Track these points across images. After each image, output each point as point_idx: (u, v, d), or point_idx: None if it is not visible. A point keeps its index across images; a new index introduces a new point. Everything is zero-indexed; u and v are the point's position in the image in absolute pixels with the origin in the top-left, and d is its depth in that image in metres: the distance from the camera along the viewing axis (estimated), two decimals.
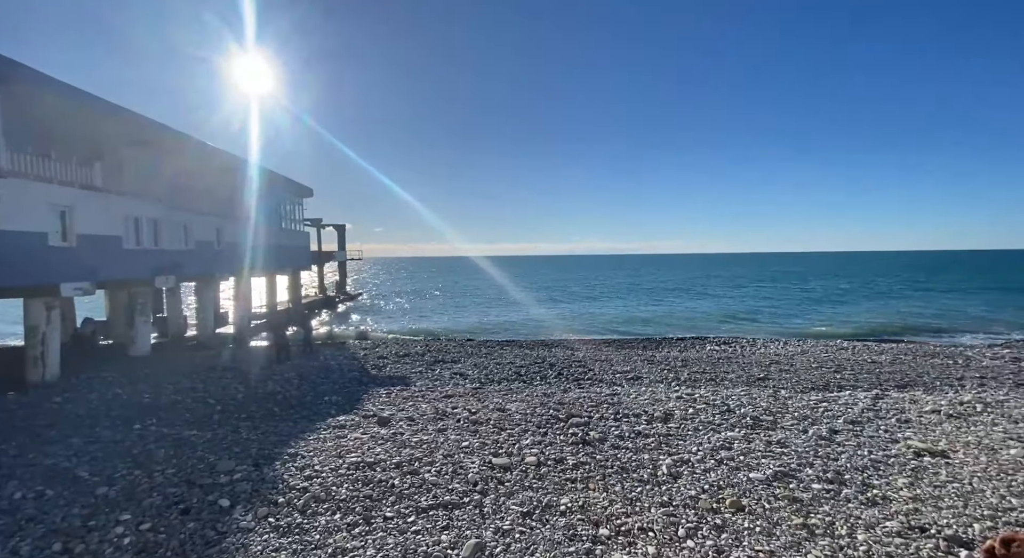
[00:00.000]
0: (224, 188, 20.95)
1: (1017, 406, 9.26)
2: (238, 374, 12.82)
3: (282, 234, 25.72)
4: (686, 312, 35.75)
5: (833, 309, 36.31)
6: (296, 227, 28.28)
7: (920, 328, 26.10)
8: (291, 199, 27.35)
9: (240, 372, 13.06)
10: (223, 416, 9.07)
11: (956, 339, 22.27)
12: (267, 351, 16.30)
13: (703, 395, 10.40)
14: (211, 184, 20.18)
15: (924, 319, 29.71)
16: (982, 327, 26.02)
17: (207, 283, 20.40)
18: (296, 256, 27.62)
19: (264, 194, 22.96)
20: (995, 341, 21.02)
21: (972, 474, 6.19)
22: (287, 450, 7.15)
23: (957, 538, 4.78)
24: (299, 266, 28.83)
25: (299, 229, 28.88)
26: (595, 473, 6.37)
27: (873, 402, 9.71)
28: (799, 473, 6.31)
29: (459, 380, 12.54)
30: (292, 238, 27.25)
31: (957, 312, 32.96)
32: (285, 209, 26.45)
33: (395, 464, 6.60)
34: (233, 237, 21.42)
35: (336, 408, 9.67)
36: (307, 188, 28.57)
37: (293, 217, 27.75)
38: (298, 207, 28.56)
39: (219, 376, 12.59)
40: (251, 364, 14.22)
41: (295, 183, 26.78)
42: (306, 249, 30.49)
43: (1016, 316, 30.24)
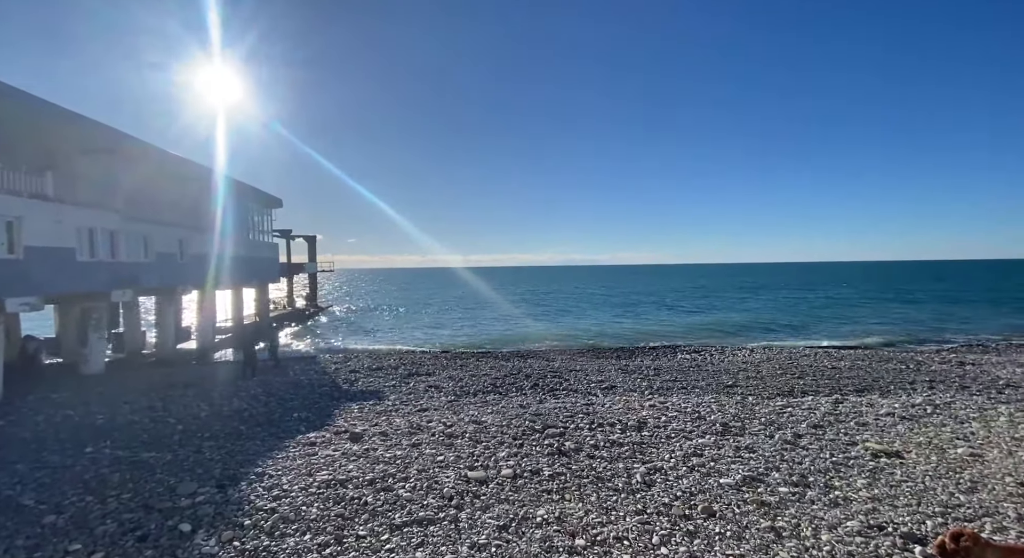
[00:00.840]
0: (188, 198, 20.26)
1: (962, 407, 9.85)
2: (201, 391, 12.29)
3: (249, 245, 24.99)
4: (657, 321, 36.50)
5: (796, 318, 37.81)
6: (264, 238, 27.54)
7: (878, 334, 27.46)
8: (259, 210, 26.67)
9: (203, 389, 12.53)
10: (184, 436, 8.67)
11: (908, 345, 23.53)
12: (232, 366, 15.70)
13: (675, 403, 10.62)
14: (174, 194, 19.50)
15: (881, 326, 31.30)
16: (932, 334, 27.60)
17: (168, 296, 19.56)
18: (264, 268, 26.84)
19: (230, 204, 22.31)
20: (943, 347, 22.33)
21: (924, 473, 6.54)
22: (254, 470, 6.88)
23: (912, 535, 5.02)
24: (267, 278, 28.01)
25: (267, 240, 28.13)
26: (571, 483, 6.40)
27: (834, 406, 10.13)
28: (767, 477, 6.50)
29: (434, 393, 12.39)
30: (260, 249, 26.51)
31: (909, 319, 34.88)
32: (253, 220, 25.75)
33: (368, 481, 6.45)
34: (197, 249, 20.67)
35: (306, 424, 9.38)
36: (276, 198, 27.94)
37: (261, 228, 27.03)
38: (266, 218, 27.85)
39: (180, 394, 12.03)
40: (215, 381, 13.66)
41: (263, 193, 26.15)
42: (274, 261, 29.68)
43: (961, 323, 32.25)
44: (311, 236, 41.87)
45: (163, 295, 19.35)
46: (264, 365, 15.88)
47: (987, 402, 10.33)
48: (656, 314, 42.01)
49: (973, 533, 4.54)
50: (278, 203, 28.41)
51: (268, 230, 28.29)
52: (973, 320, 33.34)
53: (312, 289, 45.41)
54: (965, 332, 27.68)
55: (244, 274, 24.08)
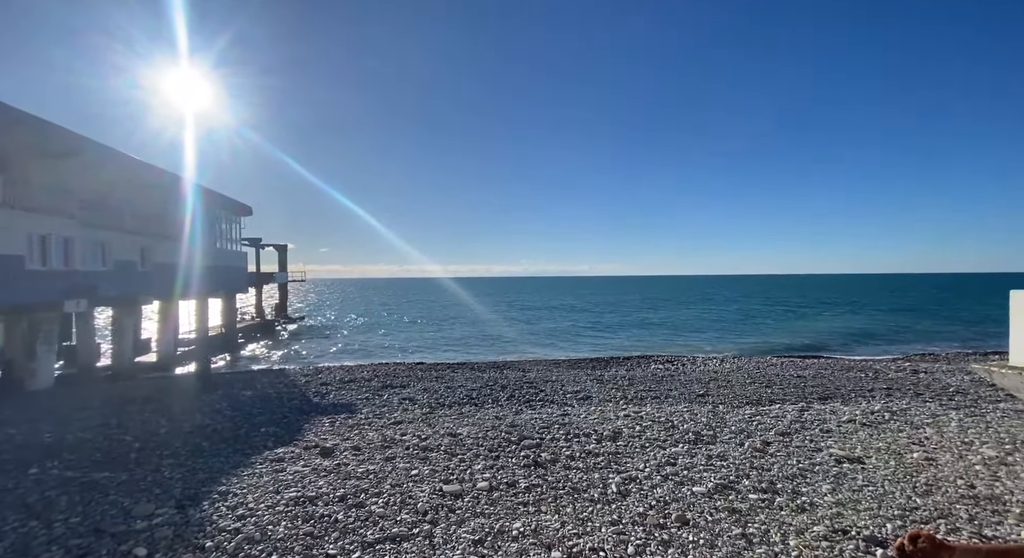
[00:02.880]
0: (151, 204, 19.51)
1: (917, 414, 10.34)
2: (161, 406, 11.71)
3: (216, 254, 24.17)
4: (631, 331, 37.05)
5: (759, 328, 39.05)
6: (232, 247, 26.70)
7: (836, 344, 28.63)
8: (227, 217, 25.89)
9: (163, 404, 11.94)
10: (142, 454, 8.22)
11: (867, 354, 24.62)
12: (196, 380, 15.04)
13: (649, 412, 10.76)
14: (136, 200, 18.74)
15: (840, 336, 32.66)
16: (888, 343, 28.98)
17: (127, 307, 18.66)
18: (231, 277, 25.98)
19: (197, 211, 21.59)
20: (898, 356, 23.45)
21: (884, 477, 6.81)
22: (217, 488, 6.58)
23: (874, 538, 5.21)
24: (234, 288, 27.11)
25: (235, 249, 27.28)
26: (547, 495, 6.37)
27: (799, 414, 10.47)
28: (737, 485, 6.64)
29: (408, 405, 12.17)
30: (227, 258, 25.67)
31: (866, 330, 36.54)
32: (220, 228, 24.96)
33: (339, 497, 6.26)
34: (161, 257, 19.86)
35: (274, 440, 9.05)
36: (245, 206, 27.21)
37: (229, 236, 26.21)
38: (235, 226, 27.06)
39: (138, 409, 11.43)
40: (176, 395, 13.06)
41: (232, 200, 25.44)
42: (243, 270, 28.78)
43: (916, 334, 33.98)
44: (282, 245, 40.90)
45: (122, 305, 18.44)
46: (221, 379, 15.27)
47: (939, 408, 10.88)
48: (631, 324, 42.63)
49: (930, 535, 4.76)
50: (247, 211, 27.67)
51: (237, 238, 27.47)
52: (924, 330, 35.21)
53: (282, 299, 44.18)
54: (917, 342, 29.18)
55: (210, 284, 23.24)
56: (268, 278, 40.29)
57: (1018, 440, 8.26)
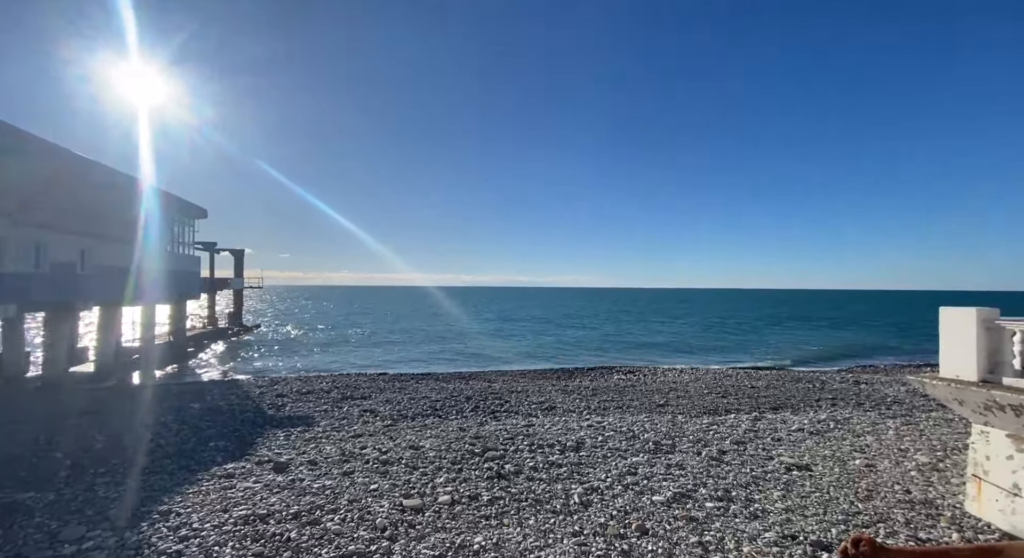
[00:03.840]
0: (95, 204, 18.32)
1: (859, 422, 10.97)
2: (97, 420, 10.89)
3: (166, 258, 22.89)
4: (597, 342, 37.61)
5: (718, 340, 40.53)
6: (184, 250, 25.38)
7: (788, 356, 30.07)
8: (180, 219, 24.63)
9: (100, 418, 11.12)
10: (74, 472, 7.60)
11: (814, 366, 25.97)
12: (138, 391, 14.11)
13: (611, 422, 10.91)
14: (78, 199, 17.56)
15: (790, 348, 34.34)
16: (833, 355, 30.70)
17: (63, 313, 17.35)
18: (182, 283, 24.64)
19: (146, 213, 20.44)
20: (841, 367, 24.86)
21: (829, 484, 7.16)
22: (158, 508, 6.16)
23: (820, 542, 5.46)
24: (185, 294, 25.71)
25: (188, 253, 25.94)
26: (510, 507, 6.33)
27: (753, 423, 10.90)
28: (695, 493, 6.82)
29: (369, 418, 11.84)
30: (178, 263, 24.36)
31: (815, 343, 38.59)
32: (172, 230, 23.70)
33: (292, 514, 5.98)
34: (103, 260, 18.62)
35: (224, 455, 8.58)
36: (200, 208, 25.99)
37: (181, 239, 24.91)
38: (188, 229, 25.76)
39: (72, 423, 10.58)
40: (115, 408, 12.19)
41: (185, 202, 24.24)
42: (195, 275, 27.36)
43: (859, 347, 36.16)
44: (238, 250, 39.23)
45: (56, 311, 17.12)
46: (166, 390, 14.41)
47: (878, 417, 11.59)
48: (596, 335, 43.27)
49: (870, 539, 5.03)
50: (202, 213, 26.42)
51: (190, 242, 26.14)
52: (866, 344, 37.54)
53: (237, 307, 42.24)
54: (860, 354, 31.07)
55: (158, 289, 21.95)
56: (223, 284, 38.47)
57: (948, 447, 8.89)
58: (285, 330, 45.90)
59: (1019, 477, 5.66)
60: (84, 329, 25.26)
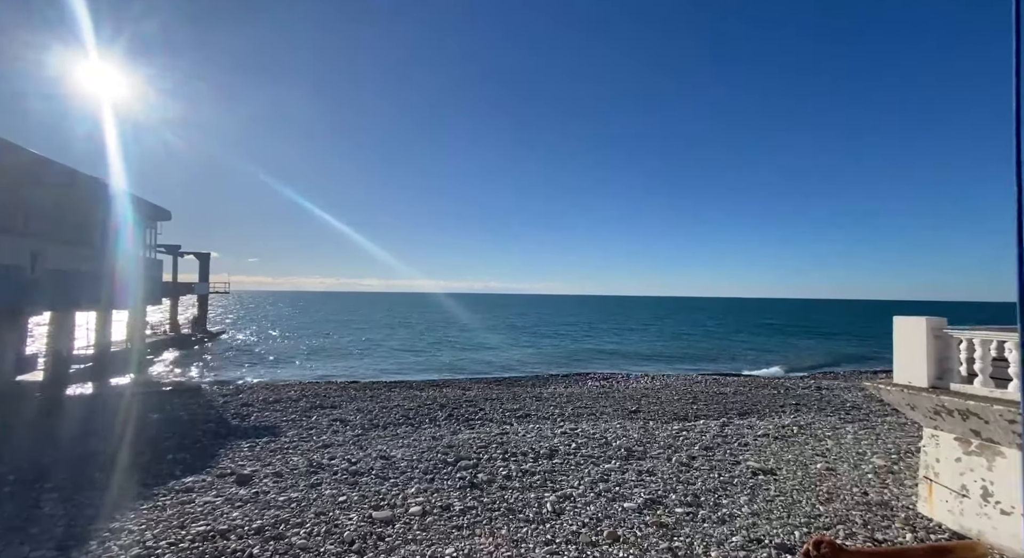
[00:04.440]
0: (47, 204, 17.37)
1: (820, 427, 11.39)
2: (45, 432, 10.25)
3: (125, 261, 21.86)
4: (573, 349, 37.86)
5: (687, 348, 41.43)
6: (146, 254, 24.31)
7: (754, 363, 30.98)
8: (141, 221, 23.60)
9: (48, 429, 10.47)
10: (18, 487, 7.12)
11: (779, 372, 26.82)
12: (90, 401, 13.36)
13: (585, 429, 10.98)
14: (27, 198, 16.62)
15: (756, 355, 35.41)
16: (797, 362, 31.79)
17: (8, 318, 16.31)
18: (142, 287, 23.55)
19: (104, 214, 19.52)
20: (805, 373, 25.77)
21: (792, 487, 7.39)
22: (108, 525, 5.82)
23: (784, 545, 5.61)
24: (146, 299, 24.57)
25: (149, 256, 24.85)
26: (482, 517, 6.26)
27: (721, 429, 11.16)
28: (665, 499, 6.91)
29: (339, 427, 11.55)
30: (139, 266, 23.30)
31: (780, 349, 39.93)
32: (132, 232, 22.67)
33: (255, 529, 5.76)
34: (55, 263, 17.63)
35: (182, 468, 8.20)
36: (163, 210, 24.99)
37: (142, 242, 23.86)
38: (150, 231, 24.70)
39: (18, 436, 9.93)
40: (66, 419, 11.50)
41: (147, 203, 23.27)
42: (156, 280, 26.19)
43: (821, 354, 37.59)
44: (204, 253, 37.84)
45: (2, 316, 16.08)
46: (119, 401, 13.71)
47: (838, 422, 12.05)
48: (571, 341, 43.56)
49: (830, 540, 5.21)
50: (165, 215, 25.40)
51: (151, 245, 25.05)
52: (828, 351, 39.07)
53: (202, 312, 40.67)
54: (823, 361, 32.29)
55: (116, 293, 20.91)
56: (186, 289, 36.98)
57: (902, 450, 9.32)
58: (252, 337, 44.40)
59: (967, 479, 5.97)
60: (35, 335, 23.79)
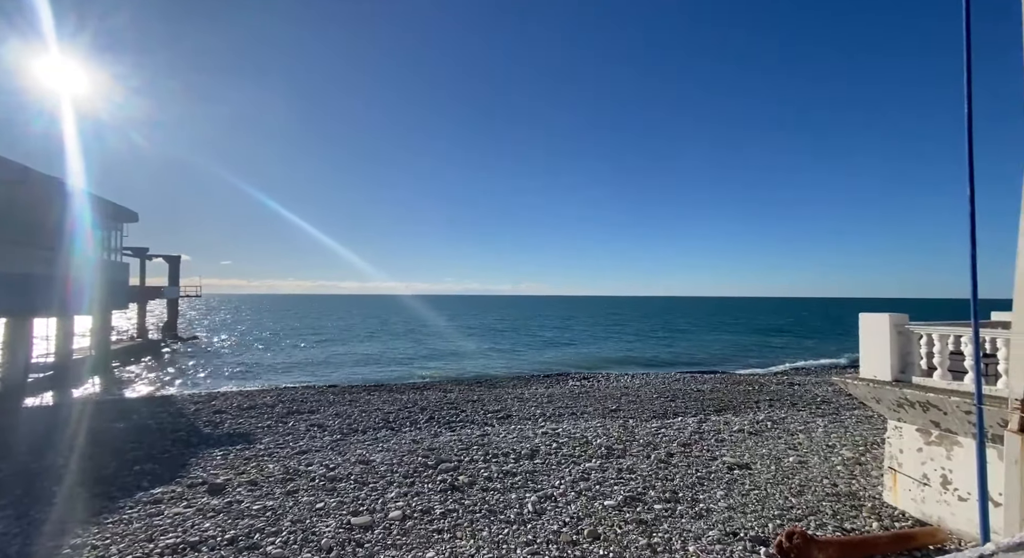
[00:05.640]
0: (3, 206, 16.52)
1: (793, 421, 11.73)
2: (0, 446, 9.72)
3: (88, 264, 20.95)
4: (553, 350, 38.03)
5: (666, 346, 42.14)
6: (111, 257, 23.35)
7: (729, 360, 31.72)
8: (105, 223, 22.67)
9: (4, 443, 9.93)
10: None
11: (753, 368, 27.53)
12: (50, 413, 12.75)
13: (565, 429, 11.04)
14: None
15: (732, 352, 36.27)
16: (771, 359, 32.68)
17: None
18: (107, 292, 22.62)
19: (64, 215, 18.68)
20: (777, 370, 26.53)
21: (766, 481, 7.59)
22: (69, 541, 5.56)
23: (759, 538, 5.75)
24: (111, 304, 23.61)
25: (114, 259, 23.88)
26: (463, 520, 6.23)
27: (699, 425, 11.38)
28: (644, 496, 7.01)
29: (317, 432, 11.31)
30: (102, 270, 22.36)
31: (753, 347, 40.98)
32: (96, 235, 21.75)
33: (228, 540, 5.59)
34: (9, 267, 16.78)
35: (150, 479, 7.89)
36: (129, 211, 24.08)
37: (107, 244, 22.92)
38: (115, 233, 23.75)
39: None
40: (21, 431, 10.94)
41: (112, 204, 22.39)
42: (122, 283, 25.20)
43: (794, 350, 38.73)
44: (174, 256, 36.59)
45: None
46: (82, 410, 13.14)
47: (809, 416, 12.44)
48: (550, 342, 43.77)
49: (802, 531, 5.37)
50: (131, 217, 24.48)
51: (117, 247, 24.09)
52: (800, 348, 40.31)
53: (172, 317, 39.32)
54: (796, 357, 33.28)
55: (78, 298, 20.02)
56: (155, 293, 35.68)
57: (869, 442, 9.67)
58: (226, 342, 43.11)
59: (928, 468, 6.24)
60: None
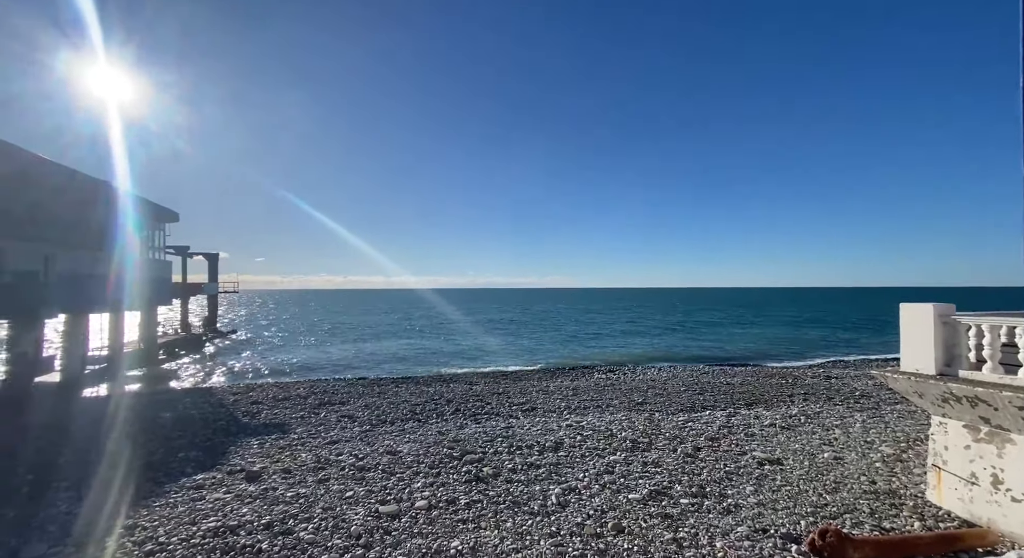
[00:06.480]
0: (59, 209, 17.63)
1: (828, 416, 11.30)
2: (62, 433, 10.48)
3: (136, 263, 22.17)
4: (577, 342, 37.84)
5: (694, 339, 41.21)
6: (155, 255, 24.62)
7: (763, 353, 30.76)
8: (150, 224, 23.89)
9: (65, 430, 10.69)
10: (36, 487, 7.30)
11: (788, 362, 26.62)
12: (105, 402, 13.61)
13: (590, 422, 10.99)
14: (39, 204, 16.87)
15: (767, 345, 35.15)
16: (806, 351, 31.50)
17: (26, 322, 16.63)
18: (153, 288, 23.90)
19: (113, 217, 19.78)
20: (814, 363, 25.56)
21: (799, 477, 7.36)
22: (123, 522, 5.95)
23: (789, 535, 5.60)
24: (156, 300, 24.93)
25: (158, 258, 25.17)
26: (487, 511, 6.32)
27: (727, 419, 11.12)
28: (670, 490, 6.92)
29: (347, 423, 11.68)
30: (148, 268, 23.62)
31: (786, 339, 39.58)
32: (141, 235, 22.96)
33: (264, 525, 5.86)
34: (68, 267, 17.93)
35: (194, 465, 8.35)
36: (171, 212, 25.26)
37: (151, 244, 24.17)
38: (159, 233, 25.01)
39: (35, 436, 10.16)
40: (81, 419, 11.74)
41: (155, 206, 23.55)
42: (166, 281, 26.55)
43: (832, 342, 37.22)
44: (212, 254, 38.22)
45: (18, 320, 16.41)
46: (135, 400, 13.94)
47: (846, 411, 11.95)
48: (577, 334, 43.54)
49: (836, 529, 5.20)
50: (173, 217, 25.68)
51: (160, 247, 25.38)
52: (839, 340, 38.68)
53: (212, 312, 41.16)
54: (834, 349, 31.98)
55: (127, 295, 21.24)
56: (196, 289, 37.43)
57: (911, 438, 9.23)
58: (261, 335, 44.87)
59: (976, 466, 5.91)
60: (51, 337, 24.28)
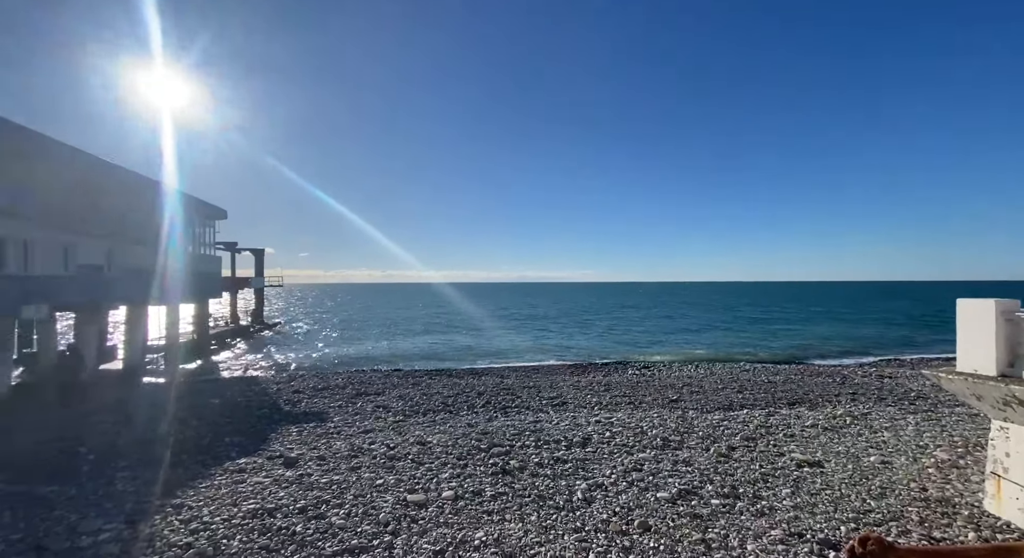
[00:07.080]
0: (119, 207, 18.95)
1: (878, 417, 10.64)
2: (122, 416, 11.32)
3: (188, 258, 23.57)
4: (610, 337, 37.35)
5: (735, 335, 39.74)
6: (206, 251, 26.09)
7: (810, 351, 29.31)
8: (200, 221, 25.31)
9: (124, 414, 11.54)
10: (96, 467, 7.92)
11: (838, 360, 25.25)
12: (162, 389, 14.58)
13: (620, 418, 10.83)
14: (102, 202, 18.19)
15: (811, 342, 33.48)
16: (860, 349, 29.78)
17: (91, 313, 18.02)
18: (204, 282, 25.34)
19: (168, 215, 21.06)
20: (866, 361, 24.12)
21: (841, 481, 6.97)
22: (171, 501, 6.37)
23: (827, 541, 5.32)
24: (207, 293, 26.44)
25: (209, 253, 26.65)
26: (512, 503, 6.34)
27: (765, 419, 10.67)
28: (700, 490, 6.72)
29: (381, 413, 12.02)
30: (200, 263, 25.05)
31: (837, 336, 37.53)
32: (193, 231, 24.37)
33: (299, 508, 6.12)
34: (128, 261, 19.28)
35: (237, 450, 8.82)
36: (220, 209, 26.66)
37: (202, 240, 25.61)
38: (209, 229, 26.47)
39: (97, 419, 11.03)
40: (140, 404, 12.63)
41: (205, 204, 24.90)
42: (216, 275, 28.10)
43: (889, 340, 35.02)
44: (259, 249, 40.15)
45: (85, 311, 17.81)
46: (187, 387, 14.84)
47: (898, 412, 11.22)
48: (610, 329, 42.96)
49: (879, 538, 4.88)
50: (222, 214, 27.10)
51: (210, 242, 26.86)
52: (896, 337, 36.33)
53: (258, 305, 43.28)
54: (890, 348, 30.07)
55: (182, 289, 22.64)
56: (244, 283, 39.46)
57: (971, 443, 8.56)
58: (304, 328, 46.80)
59: None
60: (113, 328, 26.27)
